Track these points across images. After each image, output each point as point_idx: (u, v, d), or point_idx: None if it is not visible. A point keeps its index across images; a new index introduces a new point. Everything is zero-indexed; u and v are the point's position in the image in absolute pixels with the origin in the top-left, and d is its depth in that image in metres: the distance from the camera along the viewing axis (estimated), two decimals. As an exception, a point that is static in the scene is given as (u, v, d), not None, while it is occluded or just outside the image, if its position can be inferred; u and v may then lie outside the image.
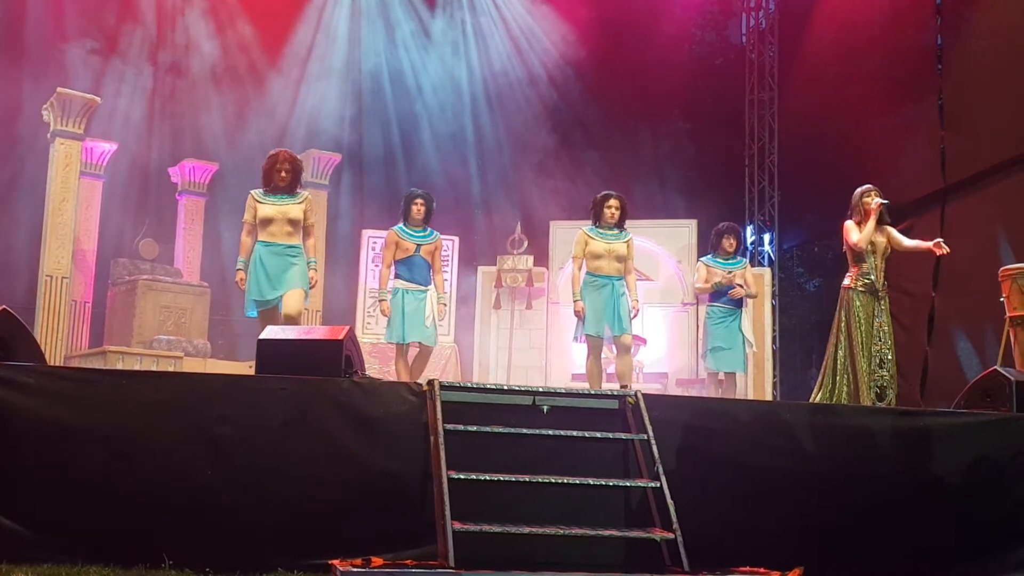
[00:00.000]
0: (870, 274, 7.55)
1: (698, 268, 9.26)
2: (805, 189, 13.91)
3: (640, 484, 4.93)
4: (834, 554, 5.10)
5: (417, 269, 8.32)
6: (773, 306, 13.31)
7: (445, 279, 9.21)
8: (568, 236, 12.54)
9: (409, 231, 8.40)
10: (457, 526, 4.42)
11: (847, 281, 7.64)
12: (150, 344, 11.17)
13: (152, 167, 13.68)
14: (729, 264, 9.05)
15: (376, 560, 4.42)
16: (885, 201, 7.59)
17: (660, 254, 12.12)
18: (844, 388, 7.45)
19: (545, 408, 5.17)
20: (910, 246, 7.66)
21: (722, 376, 9.08)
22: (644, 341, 11.07)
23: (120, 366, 10.13)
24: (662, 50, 14.67)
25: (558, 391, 5.35)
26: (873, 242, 7.57)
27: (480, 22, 15.39)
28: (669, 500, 4.74)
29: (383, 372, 10.93)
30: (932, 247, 7.49)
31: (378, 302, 8.68)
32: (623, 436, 5.12)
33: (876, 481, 5.32)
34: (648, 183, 13.02)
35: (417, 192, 8.60)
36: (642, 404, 5.12)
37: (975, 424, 5.57)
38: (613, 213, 8.23)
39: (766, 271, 12.96)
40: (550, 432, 4.98)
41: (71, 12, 13.08)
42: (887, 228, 7.66)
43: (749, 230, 14.92)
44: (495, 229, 13.91)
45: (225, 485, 4.75)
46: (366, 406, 4.98)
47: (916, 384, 10.64)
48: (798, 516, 5.19)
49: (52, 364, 8.02)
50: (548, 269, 12.57)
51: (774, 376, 12.83)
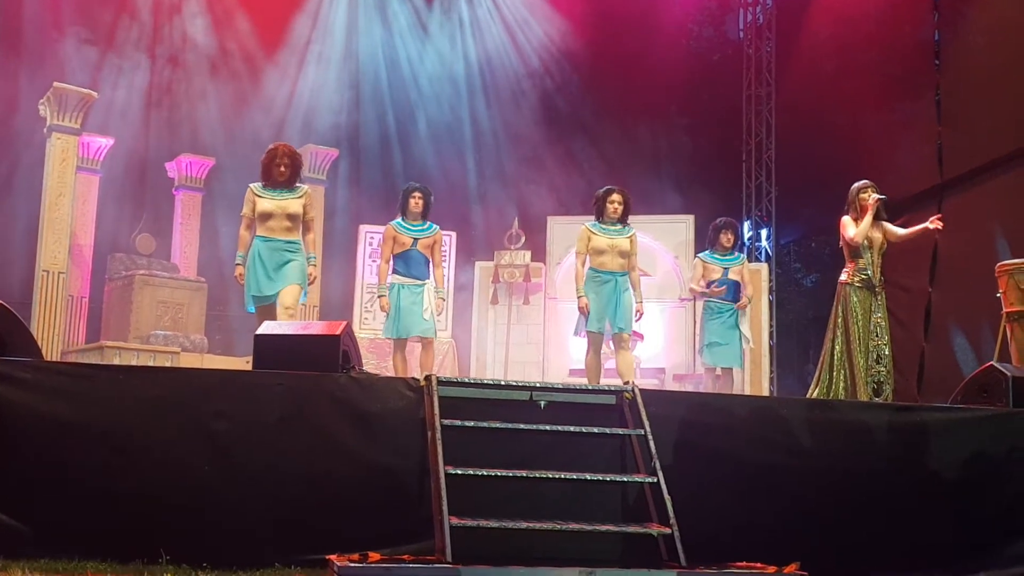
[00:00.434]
0: (867, 269, 7.56)
1: (695, 265, 9.26)
2: (802, 184, 13.91)
3: (637, 479, 4.93)
4: (831, 549, 5.11)
5: (414, 263, 8.29)
6: (770, 301, 13.32)
7: (444, 274, 9.17)
8: (565, 231, 12.57)
9: (406, 225, 8.37)
10: (454, 521, 4.42)
11: (843, 277, 7.65)
12: (147, 339, 11.15)
13: (149, 162, 13.66)
14: (727, 260, 9.03)
15: (373, 555, 4.41)
16: (882, 196, 7.60)
17: (657, 249, 12.12)
18: (841, 383, 7.47)
19: (542, 403, 5.17)
20: (907, 234, 7.67)
21: (719, 372, 9.08)
22: (641, 337, 11.06)
23: (117, 361, 10.11)
24: (659, 45, 14.66)
25: (555, 386, 5.35)
26: (869, 237, 7.58)
27: (477, 16, 15.37)
28: (666, 495, 4.74)
29: (380, 367, 10.92)
30: (928, 224, 7.49)
31: (377, 297, 8.66)
32: (620, 431, 5.12)
33: (873, 476, 5.33)
34: (645, 178, 13.00)
35: (415, 185, 8.56)
36: (639, 399, 5.12)
37: (972, 420, 5.58)
38: (616, 208, 8.20)
39: (763, 266, 12.98)
40: (547, 427, 4.99)
41: (67, 6, 13.05)
42: (883, 223, 7.68)
43: (746, 225, 14.92)
44: (492, 224, 13.91)
45: (222, 481, 4.75)
46: (363, 401, 4.98)
47: (913, 380, 10.65)
48: (795, 511, 5.20)
49: (49, 359, 8.02)
50: (545, 264, 12.58)
51: (771, 371, 12.84)
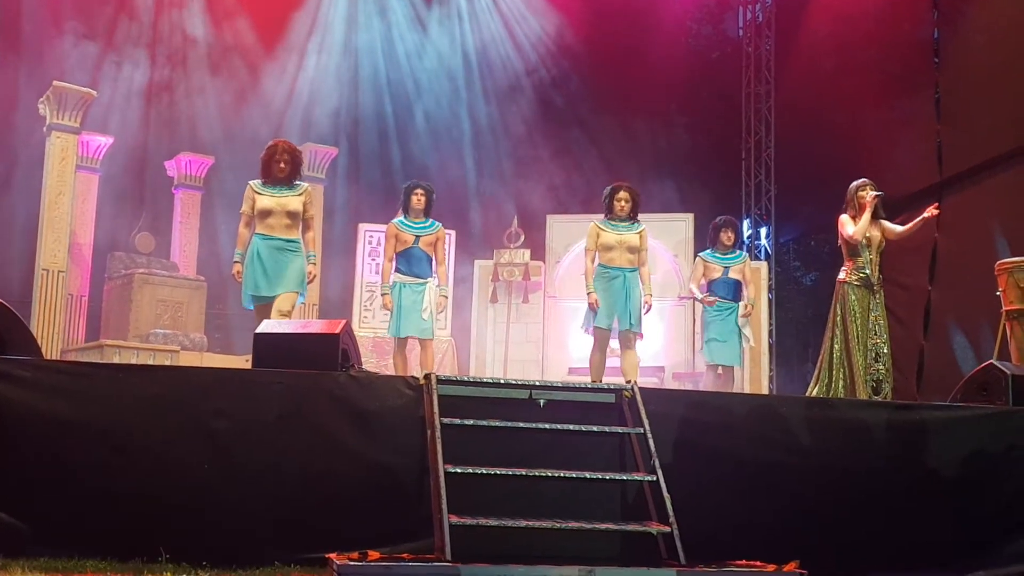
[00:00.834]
0: (865, 268, 7.57)
1: (695, 264, 9.25)
2: (802, 183, 13.91)
3: (636, 478, 4.94)
4: (830, 547, 5.11)
5: (415, 261, 8.27)
6: (770, 300, 13.33)
7: (447, 271, 9.14)
8: (565, 230, 12.58)
9: (408, 223, 8.35)
10: (454, 520, 4.43)
11: (842, 275, 7.65)
12: (146, 338, 11.15)
13: (148, 160, 13.66)
14: (727, 259, 9.02)
15: (373, 554, 4.42)
16: (879, 193, 7.60)
17: (657, 248, 12.09)
18: (840, 382, 7.47)
19: (542, 402, 5.17)
20: (905, 230, 7.64)
21: (720, 370, 9.07)
22: (640, 335, 11.05)
23: (116, 360, 10.11)
24: (659, 43, 14.66)
25: (555, 385, 5.35)
26: (868, 236, 7.58)
27: (476, 15, 15.37)
28: (665, 494, 4.74)
29: (380, 366, 10.93)
30: (925, 214, 7.47)
31: (380, 296, 8.64)
32: (619, 430, 5.12)
33: (872, 475, 5.33)
34: (645, 177, 12.97)
35: (417, 183, 8.54)
36: (638, 398, 5.12)
37: (971, 418, 5.58)
38: (623, 206, 8.23)
39: (763, 265, 12.98)
40: (547, 426, 4.99)
41: (67, 5, 13.05)
42: (881, 222, 7.67)
43: (746, 224, 14.92)
44: (492, 223, 13.90)
45: (222, 479, 4.75)
46: (362, 400, 4.98)
47: (912, 378, 10.65)
48: (794, 510, 5.20)
49: (48, 358, 8.02)
50: (545, 263, 12.58)
51: (770, 370, 12.85)
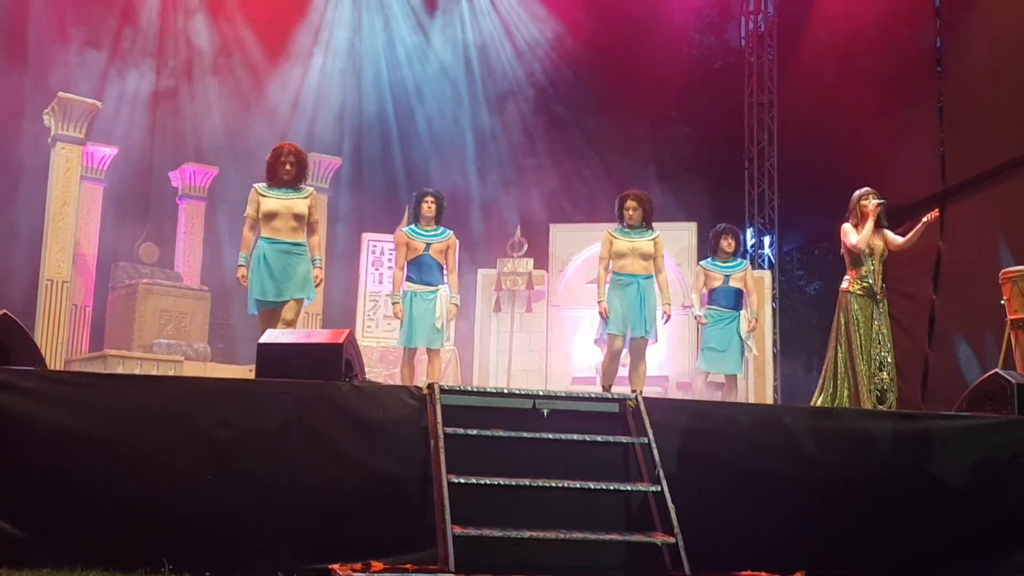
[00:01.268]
0: (868, 277, 7.55)
1: (696, 273, 9.18)
2: (805, 192, 13.91)
3: (641, 488, 4.93)
4: (835, 557, 5.10)
5: (426, 269, 8.22)
6: (774, 309, 13.31)
7: (458, 279, 8.97)
8: (568, 239, 12.59)
9: (419, 231, 8.30)
10: (457, 530, 4.42)
11: (845, 284, 7.64)
12: (150, 348, 11.16)
13: (153, 171, 13.68)
14: (728, 267, 8.95)
15: (376, 564, 4.42)
16: (882, 202, 7.58)
17: (668, 264, 12.09)
18: (845, 392, 7.45)
19: (545, 411, 5.17)
20: (906, 240, 7.60)
21: (723, 379, 9.03)
22: (655, 340, 11.03)
23: (120, 370, 10.12)
24: (661, 53, 14.67)
25: (558, 394, 5.36)
26: (870, 245, 7.56)
27: (480, 26, 15.40)
28: (670, 504, 4.74)
29: (387, 376, 10.92)
30: (924, 219, 7.43)
31: (392, 304, 8.61)
32: (624, 439, 5.12)
33: (877, 484, 5.32)
34: (648, 186, 12.94)
35: (427, 190, 8.49)
36: (642, 407, 5.12)
37: (976, 427, 5.57)
38: (631, 214, 8.17)
39: (766, 274, 12.96)
40: (551, 436, 4.98)
41: (72, 16, 13.08)
42: (883, 231, 7.65)
43: (749, 233, 14.92)
44: (495, 232, 13.91)
45: (225, 489, 4.75)
46: (366, 410, 4.98)
47: (917, 387, 10.63)
48: (799, 520, 5.19)
49: (52, 368, 8.02)
50: (548, 272, 12.58)
51: (775, 379, 12.82)
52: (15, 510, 4.56)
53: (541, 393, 5.30)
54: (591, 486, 4.86)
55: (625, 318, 8.02)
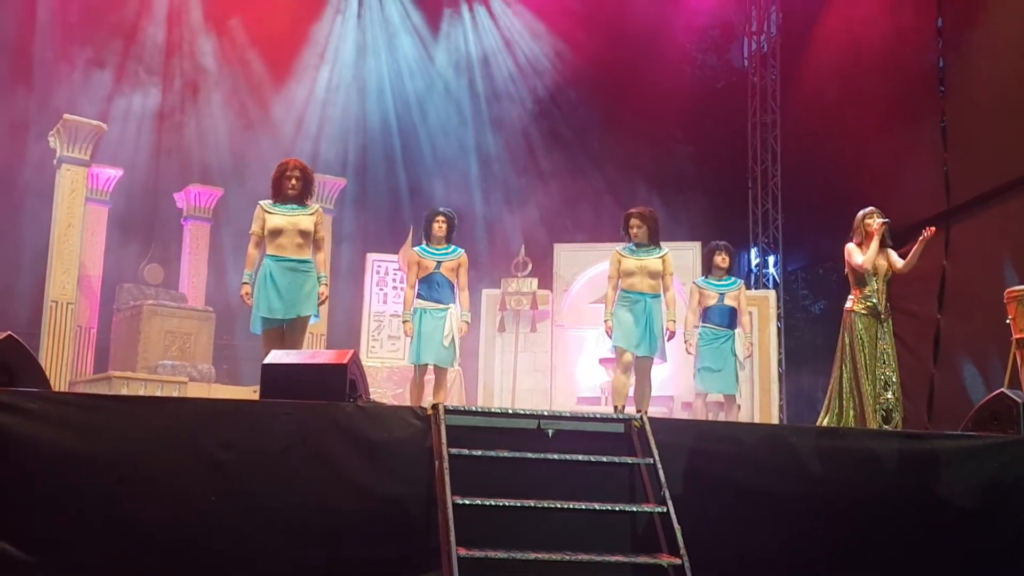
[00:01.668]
0: (872, 296, 7.54)
1: (690, 292, 9.07)
2: (809, 211, 13.91)
3: (647, 509, 4.91)
4: (841, 578, 5.08)
5: (437, 287, 8.18)
6: (778, 328, 13.28)
7: (469, 297, 8.89)
8: (572, 259, 12.59)
9: (430, 249, 8.29)
10: (462, 552, 4.40)
11: (849, 304, 7.63)
12: (155, 369, 11.16)
13: (158, 192, 13.72)
14: (722, 285, 8.86)
15: (381, 586, 4.40)
16: (887, 221, 7.58)
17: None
18: (851, 411, 7.43)
19: (550, 432, 5.16)
20: (908, 261, 7.57)
21: (721, 398, 8.97)
22: (663, 360, 11.01)
23: (125, 391, 10.11)
24: (665, 73, 14.72)
25: (563, 415, 5.34)
26: (875, 264, 7.56)
27: (483, 46, 15.46)
28: (676, 525, 4.72)
29: (394, 396, 10.92)
30: (923, 235, 7.40)
31: (402, 323, 8.60)
32: (629, 460, 5.10)
33: (883, 504, 5.30)
34: (651, 205, 12.98)
35: (438, 210, 8.46)
36: (648, 428, 5.11)
37: (982, 447, 5.55)
38: (636, 232, 8.18)
39: (771, 293, 12.96)
40: (555, 456, 4.97)
41: (78, 38, 13.14)
42: (888, 251, 7.65)
43: (753, 252, 14.92)
44: (499, 252, 13.92)
45: (229, 510, 4.73)
46: (370, 430, 4.97)
47: (923, 407, 10.60)
48: (805, 540, 5.17)
49: (57, 390, 8.03)
50: (552, 292, 12.58)
51: (780, 399, 12.79)
52: (19, 532, 4.55)
53: (546, 413, 5.29)
54: (596, 507, 4.85)
55: (632, 333, 7.98)
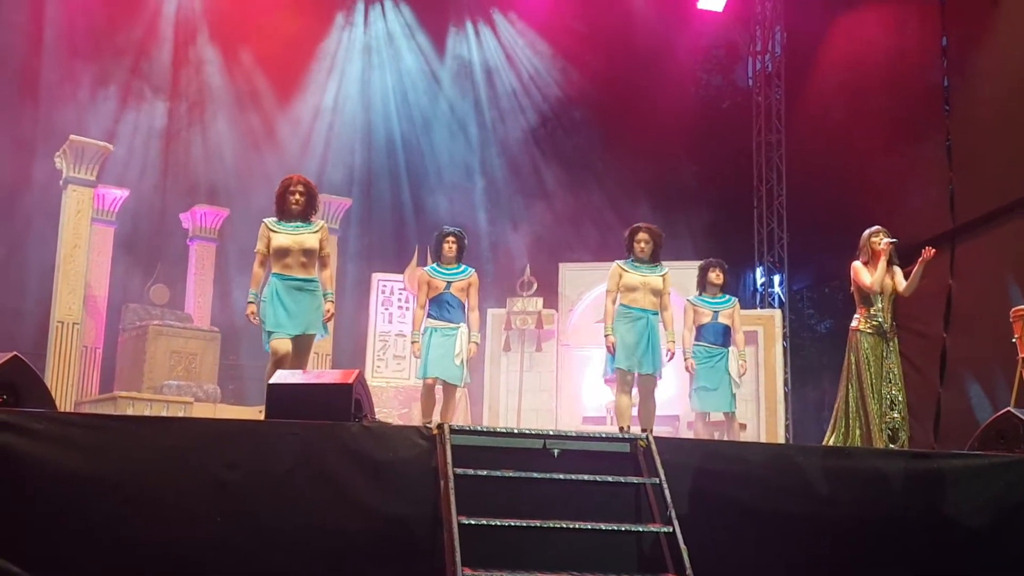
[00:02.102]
0: (878, 315, 7.52)
1: (685, 310, 8.88)
2: (814, 230, 13.91)
3: (653, 529, 4.90)
4: (848, 598, 5.06)
5: (447, 307, 8.16)
6: (784, 348, 13.26)
7: (479, 317, 8.80)
8: (577, 278, 12.59)
9: (440, 269, 8.29)
10: (468, 572, 4.39)
11: (855, 323, 7.61)
12: (160, 389, 11.16)
13: (163, 213, 13.75)
14: (716, 303, 8.76)
15: (386, 606, 4.39)
16: (894, 240, 7.57)
17: (673, 299, 12.08)
18: (857, 431, 7.40)
19: (556, 452, 5.15)
20: (908, 285, 7.55)
21: (721, 417, 8.90)
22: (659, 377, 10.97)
23: (130, 412, 10.12)
24: (670, 93, 14.76)
25: (569, 434, 5.34)
26: (881, 284, 7.54)
27: (489, 66, 15.51)
28: (682, 545, 4.71)
29: (400, 415, 10.90)
30: (923, 256, 7.37)
31: (410, 343, 8.59)
32: (635, 480, 5.09)
33: (890, 524, 5.28)
34: (656, 225, 13.04)
35: (448, 230, 8.47)
36: (653, 447, 5.10)
37: (988, 466, 5.53)
38: (643, 247, 8.09)
39: (776, 312, 12.95)
40: (561, 476, 4.96)
41: (85, 59, 13.20)
42: (894, 269, 7.63)
43: (759, 271, 14.92)
44: (504, 271, 13.93)
45: (234, 531, 4.73)
46: (375, 450, 4.96)
47: (930, 426, 10.57)
48: (812, 560, 5.15)
49: (62, 410, 8.03)
50: (557, 311, 12.57)
51: (786, 418, 12.75)
52: (25, 551, 4.54)
53: (551, 433, 5.28)
54: (602, 527, 4.83)
55: (633, 352, 7.87)
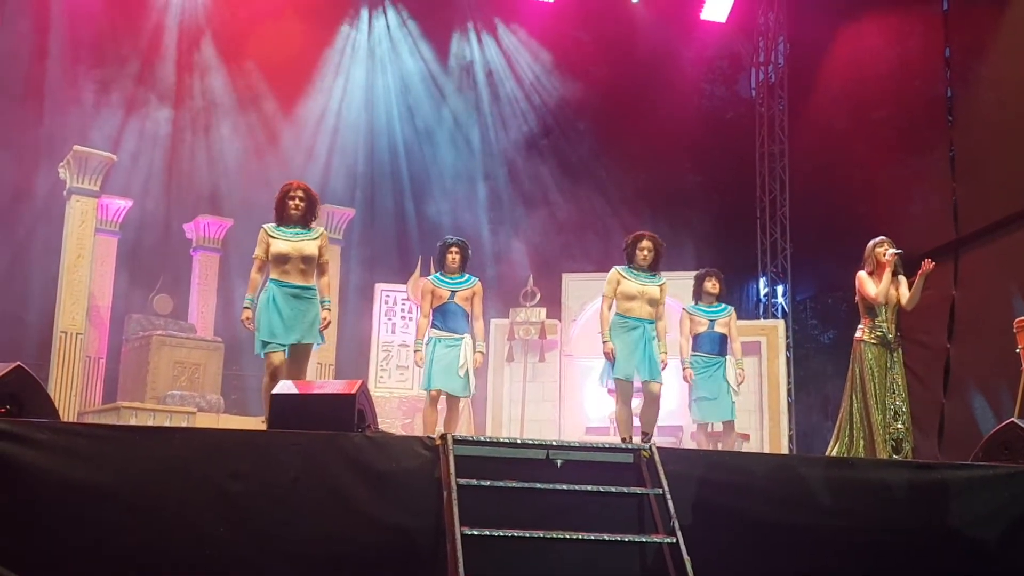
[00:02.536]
0: (882, 326, 7.51)
1: (681, 319, 8.89)
2: (817, 241, 13.91)
3: (656, 539, 4.89)
4: (852, 610, 5.05)
5: (451, 316, 8.15)
6: (788, 358, 13.24)
7: (484, 327, 8.74)
8: (580, 288, 12.58)
9: (444, 279, 8.29)
10: (470, 583, 4.39)
11: (859, 334, 7.59)
12: (163, 399, 11.16)
13: (167, 223, 13.77)
14: (712, 312, 8.78)
15: (389, 617, 4.38)
16: (899, 251, 7.56)
17: (672, 306, 12.05)
18: (861, 441, 7.39)
19: (559, 462, 5.14)
20: (910, 299, 7.52)
21: (717, 426, 8.86)
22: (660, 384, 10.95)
23: (133, 422, 10.12)
24: (673, 104, 14.80)
25: (572, 445, 5.33)
26: (886, 294, 7.53)
27: (492, 77, 15.55)
28: (686, 556, 4.69)
29: (404, 426, 10.89)
30: (923, 269, 7.35)
31: (413, 352, 8.58)
32: (638, 490, 5.08)
33: (893, 534, 5.27)
34: (659, 235, 13.06)
35: (451, 240, 8.45)
36: (657, 458, 5.09)
37: (992, 477, 5.51)
38: (646, 255, 8.01)
39: (780, 323, 12.93)
40: (564, 487, 4.95)
41: (89, 69, 13.24)
42: (899, 279, 7.62)
43: (762, 282, 14.92)
44: (507, 282, 13.92)
45: (237, 541, 4.72)
46: (378, 461, 4.95)
47: (933, 436, 10.55)
48: (815, 571, 5.14)
49: (66, 420, 8.02)
50: (561, 321, 12.57)
51: (790, 429, 12.73)
52: (28, 562, 4.53)
53: (555, 443, 5.27)
54: (606, 538, 4.82)
55: (630, 363, 7.81)
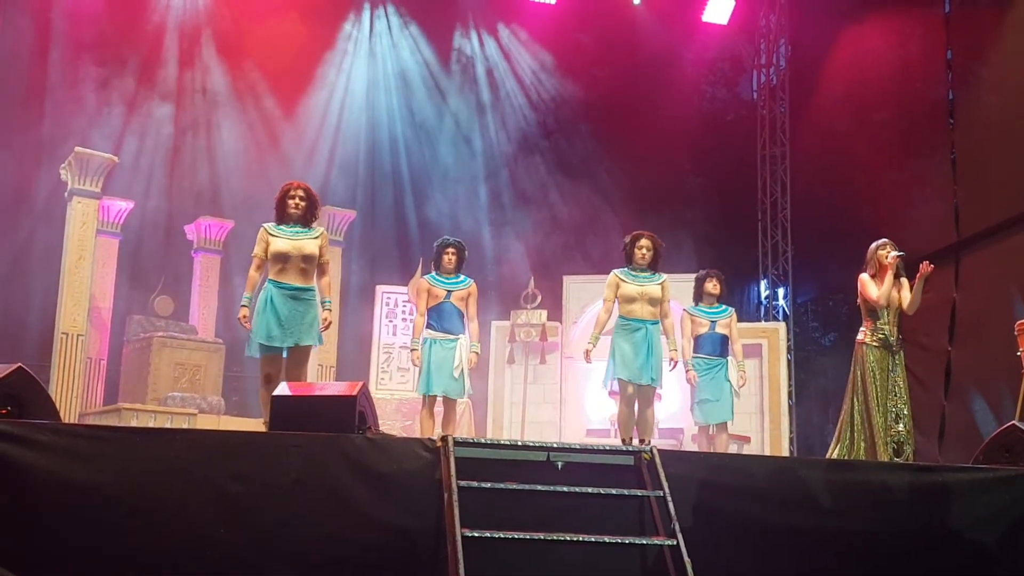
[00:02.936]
0: (884, 329, 7.50)
1: (682, 320, 8.85)
2: (819, 243, 13.91)
3: (657, 542, 4.89)
4: (853, 612, 5.04)
5: (447, 317, 8.14)
6: (789, 361, 13.23)
7: (479, 327, 8.74)
8: (581, 290, 12.58)
9: (440, 278, 8.28)
10: (471, 584, 4.39)
11: (861, 336, 7.59)
12: (164, 401, 11.16)
13: (168, 225, 13.77)
14: (713, 312, 8.77)
15: (389, 619, 4.38)
16: (901, 254, 7.55)
17: (673, 308, 12.07)
18: (861, 444, 7.39)
19: (559, 464, 5.14)
20: (911, 303, 7.51)
21: (713, 429, 8.77)
22: (659, 396, 10.97)
23: (134, 423, 10.11)
24: (674, 106, 14.79)
25: (572, 447, 5.34)
26: (888, 297, 7.52)
27: (494, 78, 15.55)
28: (686, 558, 4.69)
29: (403, 428, 10.88)
30: (921, 272, 7.34)
31: (410, 352, 8.58)
32: (639, 493, 5.08)
33: (894, 537, 5.27)
34: (660, 237, 13.06)
35: (448, 240, 8.43)
36: (658, 460, 5.09)
37: (993, 480, 5.52)
38: (644, 254, 8.02)
39: (781, 326, 12.92)
40: (565, 489, 4.95)
41: (90, 70, 13.24)
42: (902, 281, 7.62)
43: (763, 284, 14.91)
44: (508, 284, 13.92)
45: (238, 542, 4.72)
46: (379, 463, 4.96)
47: (934, 439, 10.55)
48: (816, 573, 5.13)
49: (67, 422, 8.03)
50: (562, 323, 12.56)
51: (790, 432, 12.72)
52: (28, 562, 4.54)
53: (555, 445, 5.28)
54: (606, 540, 4.82)
55: (633, 364, 7.82)
